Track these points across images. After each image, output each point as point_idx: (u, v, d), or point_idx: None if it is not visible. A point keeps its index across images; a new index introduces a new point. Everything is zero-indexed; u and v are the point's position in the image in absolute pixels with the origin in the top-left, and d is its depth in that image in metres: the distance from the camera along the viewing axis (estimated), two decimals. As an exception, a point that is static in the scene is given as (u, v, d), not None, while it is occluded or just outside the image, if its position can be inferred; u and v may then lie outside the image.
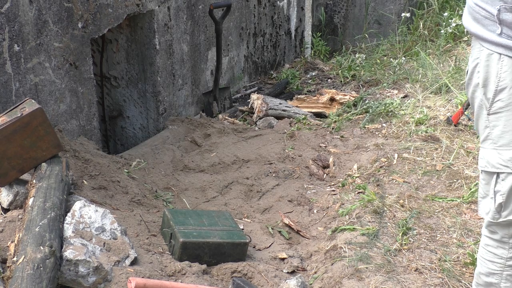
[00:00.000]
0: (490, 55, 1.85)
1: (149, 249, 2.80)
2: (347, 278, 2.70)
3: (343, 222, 3.20)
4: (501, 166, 1.93)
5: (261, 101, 4.90)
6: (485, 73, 1.88)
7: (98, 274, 2.36)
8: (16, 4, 3.22)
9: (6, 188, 2.78)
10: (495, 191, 1.97)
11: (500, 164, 1.93)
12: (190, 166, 3.95)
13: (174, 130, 4.45)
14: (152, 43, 4.33)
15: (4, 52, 3.20)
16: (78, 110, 3.78)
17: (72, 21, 3.61)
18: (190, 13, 4.69)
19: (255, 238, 3.17)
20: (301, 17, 6.48)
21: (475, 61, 1.92)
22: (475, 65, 1.92)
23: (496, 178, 1.95)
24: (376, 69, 5.72)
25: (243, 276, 2.75)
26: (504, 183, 1.94)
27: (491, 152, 1.95)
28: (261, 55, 5.90)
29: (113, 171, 3.48)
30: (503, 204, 1.97)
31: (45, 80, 3.49)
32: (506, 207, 1.97)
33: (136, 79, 4.46)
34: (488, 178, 1.99)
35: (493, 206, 2.00)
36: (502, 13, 1.73)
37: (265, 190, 3.68)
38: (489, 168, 1.97)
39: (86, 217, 2.60)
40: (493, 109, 1.90)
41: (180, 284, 2.46)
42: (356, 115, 4.63)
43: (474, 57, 1.94)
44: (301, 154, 4.07)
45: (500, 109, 1.88)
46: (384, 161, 3.77)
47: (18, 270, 2.17)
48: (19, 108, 2.80)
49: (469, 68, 1.98)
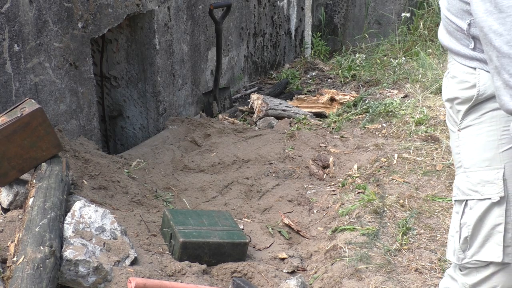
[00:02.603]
0: (461, 69, 1.68)
1: (149, 249, 2.80)
2: (347, 278, 2.70)
3: (343, 222, 3.20)
4: (470, 191, 1.64)
5: (261, 101, 4.90)
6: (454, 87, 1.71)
7: (98, 274, 2.36)
8: (16, 4, 3.22)
9: (6, 188, 2.78)
10: (460, 224, 1.66)
11: (469, 189, 1.65)
12: (190, 166, 3.95)
13: (174, 130, 4.45)
14: (152, 43, 4.33)
15: (4, 52, 3.20)
16: (78, 110, 3.78)
17: (72, 21, 3.61)
18: (190, 13, 4.69)
19: (255, 238, 3.17)
20: (301, 17, 6.48)
21: (448, 75, 1.75)
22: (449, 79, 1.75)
23: (464, 207, 1.66)
24: (376, 69, 5.72)
25: (243, 276, 2.75)
26: (472, 213, 1.63)
27: (461, 176, 1.69)
28: (261, 55, 5.90)
29: (113, 171, 3.48)
30: (468, 239, 1.64)
31: (45, 80, 3.49)
32: (472, 244, 1.64)
33: (136, 79, 4.46)
34: (459, 210, 1.69)
35: (458, 243, 1.67)
36: (472, 28, 1.57)
37: (265, 190, 3.68)
38: (459, 196, 1.69)
39: (86, 217, 2.60)
40: (464, 123, 1.68)
41: (180, 284, 2.46)
42: (356, 115, 4.63)
43: (448, 71, 1.77)
44: (301, 154, 4.07)
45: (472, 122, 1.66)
46: (384, 161, 3.77)
47: (18, 270, 2.17)
48: (19, 108, 2.80)
49: (444, 83, 1.81)
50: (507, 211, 1.57)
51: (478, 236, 1.61)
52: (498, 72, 1.36)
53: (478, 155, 1.61)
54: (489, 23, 1.35)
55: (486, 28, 1.36)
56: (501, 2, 1.32)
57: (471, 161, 1.63)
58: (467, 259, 1.65)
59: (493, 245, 1.59)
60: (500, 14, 1.32)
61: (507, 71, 1.34)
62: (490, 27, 1.35)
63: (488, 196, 1.58)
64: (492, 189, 1.58)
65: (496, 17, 1.33)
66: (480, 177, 1.60)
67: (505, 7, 1.31)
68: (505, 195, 1.56)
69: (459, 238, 1.65)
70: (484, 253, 1.61)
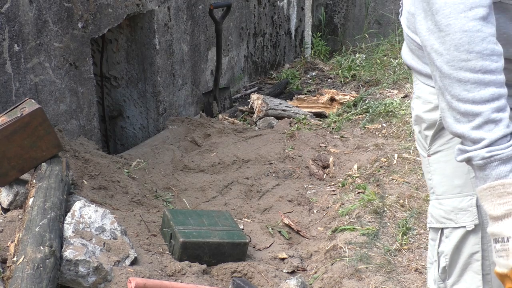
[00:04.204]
0: (425, 89, 1.58)
1: (149, 249, 2.80)
2: (347, 278, 2.70)
3: (343, 222, 3.20)
4: (444, 219, 1.56)
5: (261, 101, 4.90)
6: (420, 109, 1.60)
7: (98, 274, 2.36)
8: (16, 4, 3.22)
9: (6, 188, 2.78)
10: (438, 253, 1.58)
11: (443, 217, 1.56)
12: (190, 166, 3.95)
13: (174, 130, 4.45)
14: (152, 43, 4.33)
15: (4, 52, 3.20)
16: (78, 110, 3.78)
17: (72, 21, 3.61)
18: (190, 13, 4.69)
19: (255, 238, 3.17)
20: (301, 17, 6.48)
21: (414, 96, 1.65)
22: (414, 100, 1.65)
23: (440, 235, 1.57)
24: (376, 69, 5.72)
25: (243, 276, 2.75)
26: (448, 242, 1.55)
27: (433, 203, 1.60)
28: (261, 55, 5.90)
29: (113, 171, 3.48)
30: (447, 268, 1.57)
31: (45, 80, 3.49)
32: (451, 273, 1.57)
33: (136, 79, 4.46)
34: (435, 238, 1.61)
35: (437, 272, 1.60)
36: None
37: (265, 190, 3.68)
38: (433, 224, 1.60)
39: (86, 217, 2.60)
40: (433, 148, 1.59)
41: (180, 284, 2.46)
42: (356, 115, 4.63)
43: (414, 91, 1.67)
44: (301, 154, 4.07)
45: (440, 147, 1.57)
46: (384, 161, 3.77)
47: (18, 270, 2.17)
48: (19, 108, 2.80)
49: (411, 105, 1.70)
50: (483, 238, 1.51)
51: (457, 266, 1.56)
52: (442, 93, 1.29)
53: (449, 182, 1.55)
54: (431, 42, 1.28)
55: (428, 47, 1.29)
56: (440, 20, 1.25)
57: (442, 188, 1.57)
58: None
59: (472, 274, 1.54)
60: (440, 33, 1.26)
61: (449, 92, 1.27)
62: (432, 46, 1.28)
63: (463, 224, 1.52)
64: (466, 217, 1.52)
65: (437, 36, 1.26)
66: (453, 205, 1.54)
67: (444, 26, 1.25)
68: (480, 222, 1.50)
69: (438, 268, 1.60)
70: (463, 283, 1.56)
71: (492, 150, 1.22)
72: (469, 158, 1.25)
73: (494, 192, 1.23)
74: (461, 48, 1.23)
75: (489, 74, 1.22)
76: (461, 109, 1.25)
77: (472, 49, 1.22)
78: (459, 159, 1.28)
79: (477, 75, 1.22)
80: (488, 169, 1.24)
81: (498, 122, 1.23)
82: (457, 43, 1.23)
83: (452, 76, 1.25)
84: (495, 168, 1.23)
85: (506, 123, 1.23)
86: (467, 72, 1.23)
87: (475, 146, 1.24)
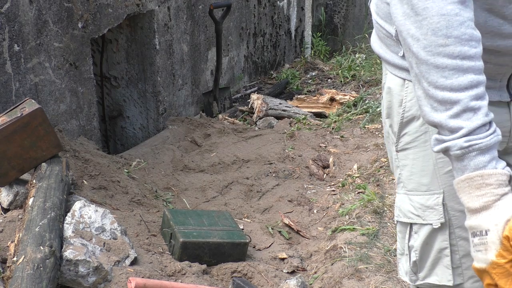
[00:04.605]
0: (393, 80, 1.50)
1: (149, 249, 2.80)
2: (347, 278, 2.70)
3: (343, 222, 3.20)
4: (413, 215, 1.53)
5: (261, 101, 4.90)
6: (388, 101, 1.54)
7: (98, 274, 2.36)
8: (16, 4, 3.22)
9: (6, 188, 2.78)
10: (409, 247, 1.56)
11: (411, 213, 1.53)
12: (190, 166, 3.95)
13: (174, 130, 4.45)
14: (152, 43, 4.33)
15: (4, 52, 3.20)
16: (78, 110, 3.78)
17: (72, 21, 3.61)
18: (190, 13, 4.69)
19: (255, 238, 3.17)
20: (301, 17, 6.48)
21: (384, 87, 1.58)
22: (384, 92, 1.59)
23: (410, 230, 1.55)
24: (376, 69, 5.72)
25: (243, 276, 2.75)
26: (417, 237, 1.53)
27: (403, 197, 1.56)
28: (261, 55, 5.90)
29: (113, 171, 3.48)
30: (417, 262, 1.55)
31: (45, 80, 3.49)
32: (422, 267, 1.55)
33: (136, 79, 4.46)
34: (403, 231, 1.58)
35: (409, 265, 1.58)
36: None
37: (265, 190, 3.68)
38: (401, 218, 1.57)
39: (86, 217, 2.60)
40: (400, 145, 1.53)
41: (180, 284, 2.46)
42: (356, 115, 4.63)
43: (382, 82, 1.60)
44: (301, 154, 4.07)
45: (407, 145, 1.51)
46: (384, 161, 3.77)
47: (18, 270, 2.17)
48: (19, 108, 2.80)
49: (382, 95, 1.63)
50: (451, 234, 1.49)
51: (428, 260, 1.54)
52: (419, 80, 1.22)
53: (417, 179, 1.51)
54: (407, 27, 1.21)
55: (404, 33, 1.23)
56: (417, 3, 1.18)
57: (411, 185, 1.53)
58: (419, 281, 1.57)
59: (443, 268, 1.53)
60: (417, 17, 1.19)
61: (426, 79, 1.20)
62: (408, 31, 1.21)
63: (430, 222, 1.50)
64: (433, 215, 1.49)
65: (413, 21, 1.20)
66: (421, 202, 1.50)
67: (421, 9, 1.18)
68: (446, 220, 1.47)
69: (409, 261, 1.57)
70: (435, 276, 1.54)
71: (470, 139, 1.16)
72: (447, 148, 1.19)
73: (472, 184, 1.16)
74: (438, 33, 1.17)
75: (468, 60, 1.17)
76: (439, 96, 1.19)
77: (450, 34, 1.16)
78: (436, 150, 1.22)
79: (456, 61, 1.17)
80: (466, 159, 1.17)
81: (477, 111, 1.16)
82: (434, 27, 1.17)
83: (429, 62, 1.19)
84: (474, 159, 1.16)
85: (485, 112, 1.17)
86: (445, 57, 1.17)
87: (453, 135, 1.17)
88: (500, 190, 1.15)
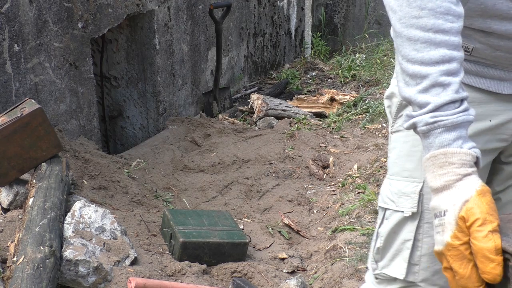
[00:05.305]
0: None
1: (149, 249, 2.80)
2: (347, 278, 2.70)
3: (343, 222, 3.20)
4: (388, 200, 1.49)
5: (261, 101, 4.90)
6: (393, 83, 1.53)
7: (98, 274, 2.36)
8: (16, 4, 3.22)
9: (6, 188, 2.78)
10: (377, 233, 1.52)
11: (388, 198, 1.50)
12: (190, 166, 3.95)
13: (174, 130, 4.45)
14: (152, 43, 4.33)
15: (4, 52, 3.20)
16: (78, 110, 3.78)
17: (72, 21, 3.61)
18: (190, 13, 4.69)
19: (255, 238, 3.17)
20: (301, 17, 6.48)
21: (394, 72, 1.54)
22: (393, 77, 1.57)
23: (383, 217, 1.52)
24: (376, 69, 5.72)
25: (243, 276, 2.75)
26: (387, 224, 1.49)
27: (385, 182, 1.55)
28: (261, 55, 5.90)
29: (113, 171, 3.48)
30: (380, 250, 1.52)
31: (45, 80, 3.49)
32: (384, 255, 1.52)
33: (136, 79, 4.46)
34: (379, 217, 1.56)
35: (372, 252, 1.55)
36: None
37: (265, 190, 3.68)
38: (380, 203, 1.55)
39: (86, 217, 2.60)
40: (395, 126, 1.52)
41: (180, 284, 2.46)
42: (356, 115, 4.63)
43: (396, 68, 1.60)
44: (301, 154, 4.07)
45: (401, 127, 1.48)
46: (384, 161, 3.77)
47: (18, 270, 2.17)
48: (19, 108, 2.80)
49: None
50: (419, 228, 1.45)
51: (390, 249, 1.50)
52: (396, 55, 1.19)
53: (401, 163, 1.48)
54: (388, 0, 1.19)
55: (387, 6, 1.20)
56: None
57: (394, 169, 1.50)
58: (378, 270, 1.54)
59: (400, 261, 1.49)
60: None
61: (400, 52, 1.16)
62: (389, 3, 1.18)
63: (402, 209, 1.46)
64: (407, 203, 1.45)
65: None
66: (399, 188, 1.47)
67: None
68: (419, 211, 1.44)
69: (374, 248, 1.54)
70: (392, 268, 1.51)
71: (436, 115, 1.11)
72: (414, 124, 1.14)
73: (436, 162, 1.11)
74: (413, 4, 1.14)
75: (441, 34, 1.12)
76: (410, 70, 1.15)
77: (424, 6, 1.13)
78: (406, 126, 1.17)
79: (428, 34, 1.13)
80: (432, 136, 1.12)
81: (446, 86, 1.11)
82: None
83: (403, 35, 1.16)
84: (439, 136, 1.11)
85: (455, 88, 1.12)
86: (417, 30, 1.13)
87: (421, 111, 1.13)
88: (463, 170, 1.09)
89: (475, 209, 1.04)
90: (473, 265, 1.06)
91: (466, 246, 1.06)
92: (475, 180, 1.08)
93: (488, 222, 1.04)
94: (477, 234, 1.04)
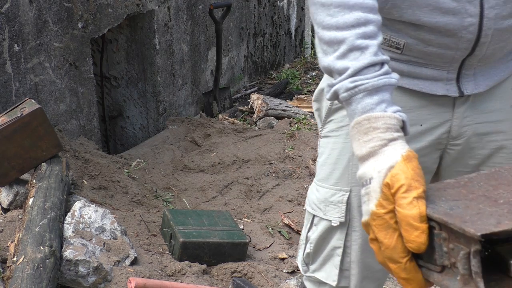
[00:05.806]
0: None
1: (149, 249, 2.80)
2: (347, 278, 2.70)
3: (343, 222, 3.20)
4: (316, 207, 1.48)
5: (261, 101, 4.90)
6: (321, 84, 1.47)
7: (98, 274, 2.36)
8: (16, 4, 3.22)
9: (6, 188, 2.78)
10: (307, 237, 1.51)
11: (315, 204, 1.48)
12: (190, 166, 3.95)
13: (174, 130, 4.45)
14: (152, 43, 4.33)
15: (4, 52, 3.20)
16: (78, 110, 3.78)
17: (72, 21, 3.61)
18: (190, 13, 4.69)
19: (255, 238, 3.17)
20: (301, 17, 6.48)
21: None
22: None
23: (311, 222, 1.50)
24: (376, 69, 5.72)
25: (243, 276, 2.75)
26: (316, 230, 1.48)
27: (312, 186, 1.52)
28: (261, 55, 5.90)
29: (113, 171, 3.48)
30: (311, 255, 1.51)
31: (45, 80, 3.49)
32: (314, 260, 1.51)
33: (136, 79, 4.46)
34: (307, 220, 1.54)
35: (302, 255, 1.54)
36: None
37: (265, 190, 3.68)
38: (307, 207, 1.53)
39: (86, 217, 2.60)
40: (324, 131, 1.48)
41: (180, 284, 2.46)
42: (356, 115, 4.63)
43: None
44: (301, 154, 4.07)
45: (330, 133, 1.45)
46: (384, 161, 3.77)
47: (18, 270, 2.17)
48: (19, 108, 2.80)
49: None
50: (347, 236, 1.43)
51: (321, 255, 1.49)
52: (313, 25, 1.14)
53: (328, 170, 1.45)
54: None
55: None
56: None
57: (321, 175, 1.47)
58: (309, 273, 1.53)
59: (331, 267, 1.48)
60: None
61: (315, 20, 1.12)
62: None
63: (329, 218, 1.44)
64: (334, 212, 1.42)
65: None
66: (325, 196, 1.44)
67: None
68: (346, 220, 1.42)
69: (303, 252, 1.53)
70: (324, 272, 1.50)
71: (356, 80, 1.05)
72: (336, 92, 1.08)
73: (360, 129, 1.04)
74: None
75: None
76: (326, 37, 1.10)
77: None
78: (328, 97, 1.11)
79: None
80: (354, 102, 1.06)
81: (364, 50, 1.06)
82: None
83: (316, 1, 1.12)
84: (361, 101, 1.05)
85: (373, 51, 1.07)
86: None
87: (340, 77, 1.07)
88: (388, 135, 1.02)
89: (400, 175, 0.97)
90: (398, 235, 0.98)
91: (391, 214, 0.98)
92: (401, 145, 1.01)
93: (413, 188, 0.96)
94: (401, 201, 0.96)
